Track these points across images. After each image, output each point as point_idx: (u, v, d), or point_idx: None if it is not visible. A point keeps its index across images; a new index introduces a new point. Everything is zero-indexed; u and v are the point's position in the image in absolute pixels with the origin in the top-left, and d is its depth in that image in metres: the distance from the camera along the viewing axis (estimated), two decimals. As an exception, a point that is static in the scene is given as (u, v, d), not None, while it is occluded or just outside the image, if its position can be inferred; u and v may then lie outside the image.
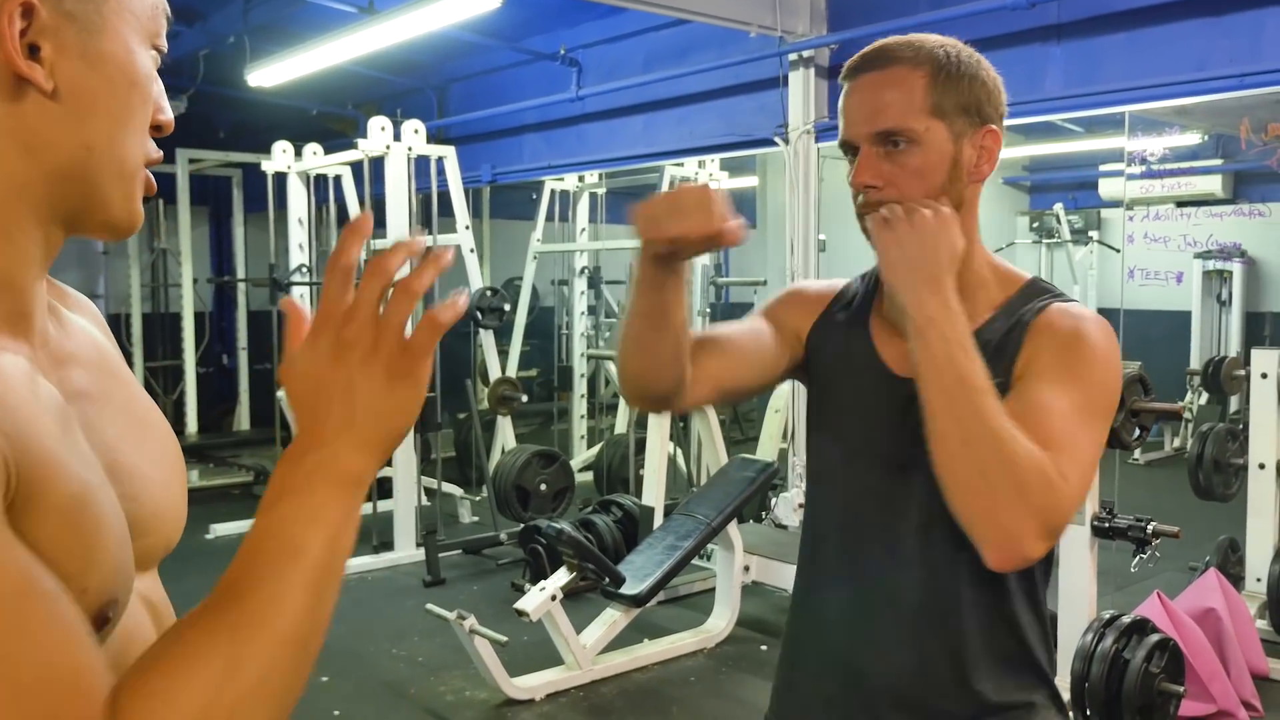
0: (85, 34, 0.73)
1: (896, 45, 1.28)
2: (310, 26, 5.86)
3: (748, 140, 5.62)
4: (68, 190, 0.75)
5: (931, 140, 1.25)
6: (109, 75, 0.74)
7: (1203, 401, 7.73)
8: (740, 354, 1.40)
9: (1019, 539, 1.13)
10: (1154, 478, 7.70)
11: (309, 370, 0.74)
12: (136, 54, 0.76)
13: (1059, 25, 4.19)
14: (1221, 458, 4.60)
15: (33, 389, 0.71)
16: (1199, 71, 3.88)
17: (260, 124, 8.11)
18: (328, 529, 0.72)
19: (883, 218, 1.24)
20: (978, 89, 1.28)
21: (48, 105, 0.72)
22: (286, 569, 0.70)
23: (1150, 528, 3.31)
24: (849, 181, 1.31)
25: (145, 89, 0.77)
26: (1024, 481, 1.12)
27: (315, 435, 0.73)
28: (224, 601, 0.69)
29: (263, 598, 0.69)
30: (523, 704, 4.03)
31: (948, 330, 1.18)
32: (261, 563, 0.70)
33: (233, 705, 0.66)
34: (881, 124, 1.26)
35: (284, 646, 0.69)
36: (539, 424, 9.53)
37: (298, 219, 6.85)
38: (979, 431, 1.13)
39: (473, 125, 7.53)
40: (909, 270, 1.21)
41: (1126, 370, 3.30)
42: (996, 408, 1.15)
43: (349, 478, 0.73)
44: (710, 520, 4.44)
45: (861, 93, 1.29)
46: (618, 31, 6.26)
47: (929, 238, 1.21)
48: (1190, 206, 8.35)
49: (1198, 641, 3.67)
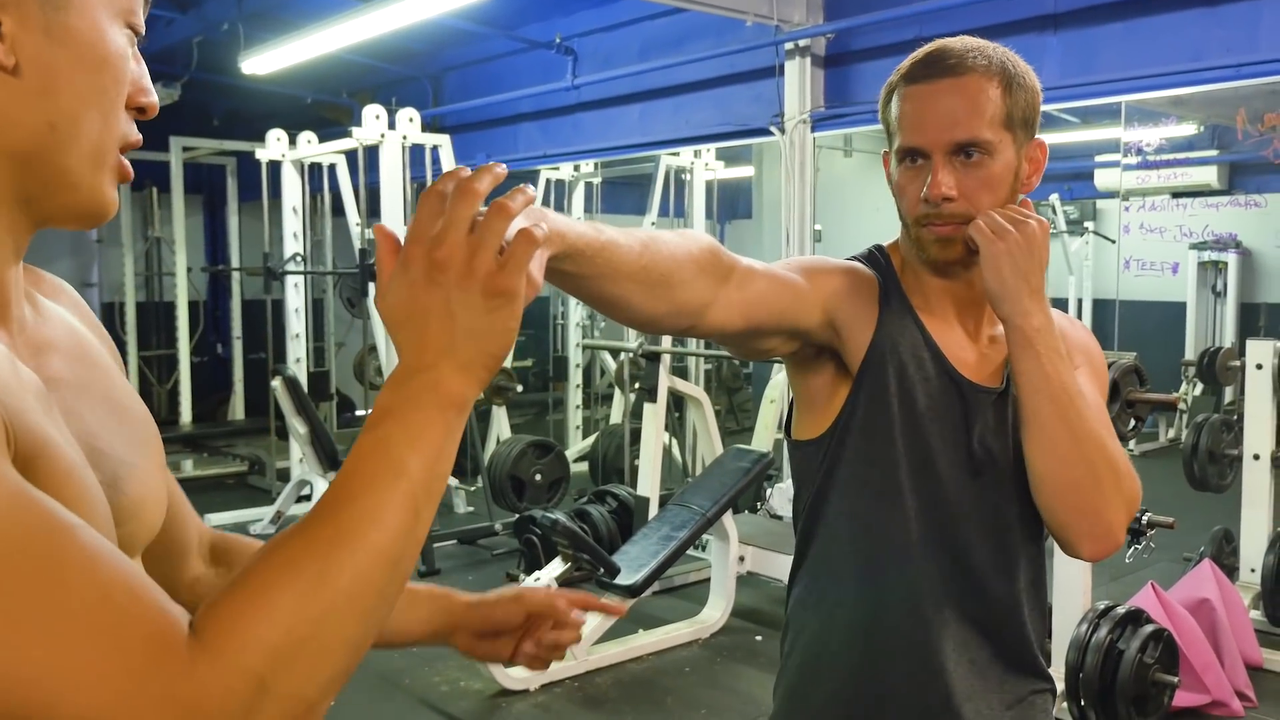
0: (50, 9, 0.71)
1: (966, 51, 1.26)
2: (304, 14, 5.83)
3: (744, 129, 5.61)
4: (31, 171, 0.73)
5: (1002, 152, 1.26)
6: (75, 52, 0.72)
7: (1198, 392, 7.73)
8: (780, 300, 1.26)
9: (1117, 529, 1.25)
10: (1149, 469, 7.66)
11: (404, 295, 0.74)
12: (106, 32, 0.74)
13: (1055, 15, 4.18)
14: (1216, 448, 4.61)
15: (14, 373, 0.70)
16: (1195, 61, 3.88)
17: (255, 112, 8.07)
18: (429, 449, 0.72)
19: (990, 228, 1.23)
20: (1034, 100, 1.28)
21: (8, 81, 0.70)
22: (386, 486, 0.70)
23: (1145, 518, 3.32)
24: (911, 191, 1.27)
25: (116, 68, 0.75)
26: (1122, 476, 1.25)
27: (418, 358, 0.74)
28: (322, 516, 0.69)
29: (359, 512, 0.69)
30: (517, 694, 4.03)
31: (1051, 340, 1.23)
32: (362, 479, 0.70)
33: (321, 615, 0.65)
34: (960, 134, 1.24)
35: (377, 561, 0.68)
36: (534, 414, 9.53)
37: (292, 207, 6.83)
38: (1086, 434, 1.22)
39: (468, 114, 7.51)
40: (1019, 280, 1.22)
41: (1122, 361, 3.30)
42: (1093, 411, 1.25)
43: (451, 399, 0.74)
44: (705, 511, 4.44)
45: (935, 99, 1.25)
46: (613, 20, 6.24)
47: (1037, 249, 1.23)
48: (1186, 197, 8.34)
49: (1192, 632, 3.68)
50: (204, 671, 0.61)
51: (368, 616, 0.69)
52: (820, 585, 1.40)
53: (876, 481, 1.33)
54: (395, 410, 0.72)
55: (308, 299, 6.97)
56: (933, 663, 1.31)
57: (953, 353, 1.34)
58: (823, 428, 1.36)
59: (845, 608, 1.37)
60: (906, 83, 1.28)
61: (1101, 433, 1.24)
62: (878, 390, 1.32)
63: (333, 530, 0.68)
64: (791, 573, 1.45)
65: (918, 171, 1.27)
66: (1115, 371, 3.25)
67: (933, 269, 1.33)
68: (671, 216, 7.43)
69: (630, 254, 1.03)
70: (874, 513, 1.34)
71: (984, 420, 1.31)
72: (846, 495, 1.35)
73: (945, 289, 1.34)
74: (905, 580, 1.32)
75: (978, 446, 1.31)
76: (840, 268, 1.35)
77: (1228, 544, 4.62)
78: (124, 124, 0.77)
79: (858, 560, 1.35)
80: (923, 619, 1.31)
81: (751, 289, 1.21)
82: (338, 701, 3.06)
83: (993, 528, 1.32)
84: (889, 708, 1.33)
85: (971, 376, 1.33)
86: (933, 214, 1.27)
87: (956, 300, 1.34)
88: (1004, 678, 1.35)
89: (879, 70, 4.87)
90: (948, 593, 1.32)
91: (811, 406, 1.38)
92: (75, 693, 0.58)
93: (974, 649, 1.33)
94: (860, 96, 4.95)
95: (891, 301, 1.34)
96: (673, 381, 5.05)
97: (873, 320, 1.33)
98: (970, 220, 1.26)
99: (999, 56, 1.27)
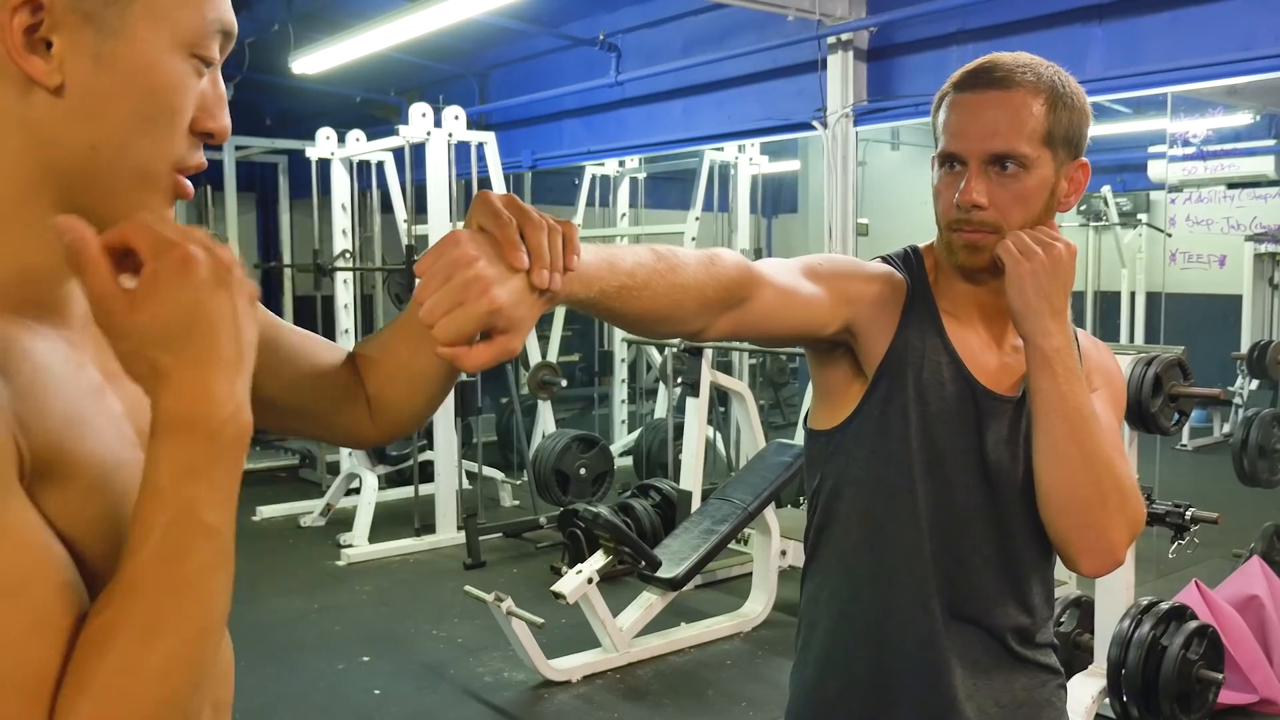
0: (101, 36, 0.73)
1: (1016, 66, 1.28)
2: (352, 14, 5.91)
3: (786, 124, 5.60)
4: (78, 187, 0.76)
5: (1039, 168, 1.27)
6: (123, 79, 0.75)
7: (1254, 387, 7.60)
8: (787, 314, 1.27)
9: (1118, 547, 1.29)
10: (1201, 464, 7.60)
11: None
12: (160, 61, 0.76)
13: (1100, 5, 4.13)
14: (1267, 444, 4.54)
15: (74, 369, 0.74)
16: (1245, 51, 3.81)
17: (305, 111, 8.19)
18: (232, 504, 0.74)
19: (1018, 249, 1.26)
20: (1081, 121, 1.30)
21: (54, 101, 0.73)
22: (203, 555, 0.71)
23: (1189, 514, 3.28)
24: (948, 195, 1.30)
25: (167, 97, 0.77)
26: (1127, 497, 1.28)
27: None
28: (141, 598, 0.69)
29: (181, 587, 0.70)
30: (559, 685, 4.07)
31: (1069, 361, 1.26)
32: (176, 547, 0.71)
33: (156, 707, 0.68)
34: (998, 145, 1.26)
35: (208, 629, 0.72)
36: (579, 409, 9.57)
37: (341, 205, 6.92)
38: (1096, 455, 1.25)
39: (513, 111, 7.55)
40: (1041, 301, 1.25)
41: (1165, 355, 3.27)
42: (1104, 432, 1.28)
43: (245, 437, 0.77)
44: (747, 505, 4.45)
45: (979, 109, 1.28)
46: (656, 16, 6.26)
47: (1063, 272, 1.26)
48: (1240, 188, 8.18)
49: (1238, 630, 3.63)
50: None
51: (200, 680, 0.71)
52: (832, 583, 1.42)
53: (889, 482, 1.34)
54: (202, 468, 0.70)
55: (357, 295, 7.06)
56: (939, 663, 1.33)
57: (973, 359, 1.35)
58: (836, 421, 1.38)
59: (855, 605, 1.38)
60: (955, 91, 1.31)
61: (1112, 455, 1.27)
62: (894, 393, 1.33)
63: (155, 615, 0.68)
64: (805, 566, 1.47)
65: (955, 177, 1.29)
66: (1158, 365, 3.22)
67: (962, 274, 1.34)
68: (716, 211, 7.43)
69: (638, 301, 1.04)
70: (886, 512, 1.35)
71: (997, 428, 1.33)
72: (860, 494, 1.37)
73: (973, 294, 1.36)
74: (915, 580, 1.33)
75: (990, 453, 1.33)
76: (866, 274, 1.36)
77: (1278, 540, 4.55)
78: (182, 148, 0.79)
79: (869, 559, 1.37)
80: (930, 619, 1.33)
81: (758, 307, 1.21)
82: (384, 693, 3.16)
83: (1001, 532, 1.34)
84: (897, 707, 1.35)
85: (990, 384, 1.35)
86: (963, 219, 1.29)
87: (983, 307, 1.36)
88: (1010, 678, 1.37)
89: (921, 64, 4.85)
90: (955, 594, 1.34)
91: (828, 397, 1.40)
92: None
93: (978, 650, 1.35)
94: (903, 90, 4.92)
95: (916, 305, 1.36)
96: (715, 376, 5.06)
97: (893, 325, 1.34)
98: (1000, 230, 1.28)
99: (1049, 74, 1.28)
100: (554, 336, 7.84)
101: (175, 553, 0.68)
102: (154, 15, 0.75)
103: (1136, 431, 3.29)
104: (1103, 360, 1.43)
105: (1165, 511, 3.30)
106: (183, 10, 0.76)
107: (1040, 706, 1.40)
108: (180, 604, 0.68)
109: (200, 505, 0.69)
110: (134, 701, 0.66)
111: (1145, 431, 3.29)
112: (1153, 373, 3.20)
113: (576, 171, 7.83)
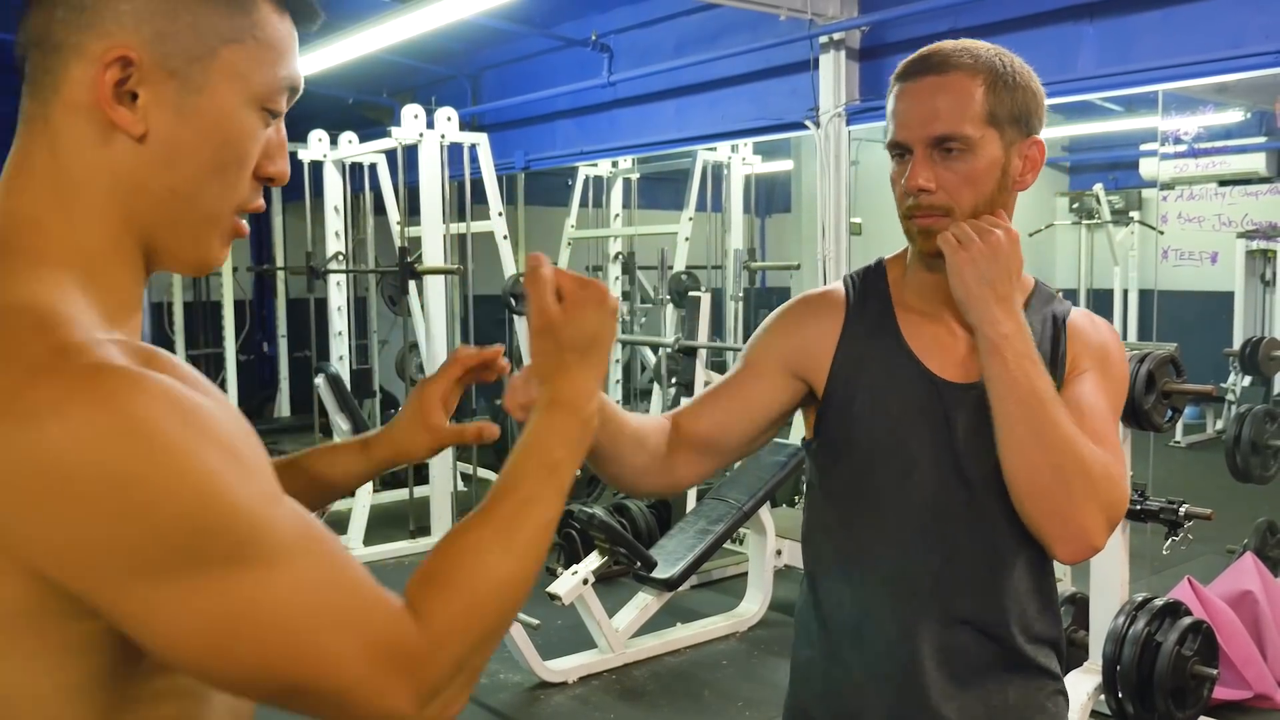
0: (184, 91, 0.81)
1: (954, 51, 1.30)
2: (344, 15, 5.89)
3: (779, 124, 5.59)
4: (154, 227, 0.84)
5: (985, 148, 1.28)
6: (201, 130, 0.82)
7: (1246, 383, 7.61)
8: (730, 409, 1.42)
9: (1092, 533, 1.25)
10: (1194, 460, 7.62)
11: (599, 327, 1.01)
12: (236, 115, 0.84)
13: (1091, 4, 4.13)
14: (1259, 439, 4.55)
15: None
16: (1234, 49, 3.82)
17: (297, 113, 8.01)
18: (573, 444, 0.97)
19: (955, 237, 1.27)
20: (1029, 100, 1.31)
21: (137, 149, 0.81)
22: (542, 478, 0.91)
23: (1182, 510, 3.29)
24: (900, 183, 1.32)
25: (239, 148, 0.85)
26: (1095, 480, 1.23)
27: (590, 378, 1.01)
28: (497, 502, 0.89)
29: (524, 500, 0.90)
30: (555, 686, 4.08)
31: (1020, 345, 1.26)
32: (523, 472, 0.92)
33: (500, 597, 0.85)
34: (938, 129, 1.27)
35: (539, 540, 0.89)
36: (575, 409, 9.55)
37: (334, 207, 6.91)
38: (1054, 438, 1.23)
39: (506, 112, 7.54)
40: (983, 288, 1.26)
41: (1158, 352, 3.27)
42: (1065, 415, 1.25)
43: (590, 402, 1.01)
44: (742, 504, 4.46)
45: (918, 96, 1.30)
46: (649, 16, 6.25)
47: (1003, 257, 1.26)
48: (1232, 185, 8.20)
49: (1231, 626, 3.64)
50: (432, 664, 0.79)
51: (526, 587, 0.87)
52: (819, 587, 1.44)
53: (859, 488, 1.37)
54: (571, 439, 0.94)
55: (350, 297, 7.05)
56: (911, 665, 1.33)
57: (938, 352, 1.36)
58: (809, 432, 1.44)
59: (839, 610, 1.40)
60: (897, 81, 1.32)
61: (1075, 439, 1.23)
62: (848, 404, 1.37)
63: (511, 537, 0.86)
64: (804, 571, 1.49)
65: (904, 166, 1.31)
66: (1151, 363, 3.22)
67: (925, 264, 1.36)
68: (709, 211, 7.43)
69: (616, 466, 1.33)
70: (858, 519, 1.38)
71: (966, 419, 1.32)
72: (835, 505, 1.41)
73: (937, 284, 1.36)
74: (888, 583, 1.35)
75: (962, 445, 1.32)
76: (780, 321, 1.45)
77: (1272, 536, 4.56)
78: (246, 192, 0.87)
79: (847, 568, 1.39)
80: (903, 621, 1.34)
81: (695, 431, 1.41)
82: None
83: (984, 525, 1.32)
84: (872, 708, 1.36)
85: (956, 374, 1.34)
86: (914, 206, 1.30)
87: (946, 295, 1.35)
88: (1005, 679, 1.35)
89: (914, 63, 4.86)
90: (943, 593, 1.33)
91: (803, 408, 1.46)
92: (355, 667, 0.76)
93: (970, 651, 1.34)
94: (895, 89, 4.91)
95: (863, 315, 1.40)
96: (709, 376, 5.06)
97: (832, 346, 1.39)
98: (951, 212, 1.29)
99: (988, 56, 1.29)
100: (548, 337, 7.83)
101: (537, 497, 0.89)
102: (233, 73, 0.83)
103: (1130, 428, 3.30)
104: (1099, 340, 1.39)
105: (1159, 508, 3.31)
106: (259, 69, 0.84)
107: (1033, 712, 1.37)
108: (532, 538, 0.87)
109: (563, 466, 0.92)
110: (483, 601, 0.83)
111: (1139, 428, 3.30)
112: (1146, 370, 3.21)
113: (569, 172, 7.82)
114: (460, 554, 0.84)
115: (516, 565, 0.85)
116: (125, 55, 0.78)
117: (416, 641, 0.79)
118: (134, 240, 0.83)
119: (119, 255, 0.82)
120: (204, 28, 0.81)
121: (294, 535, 0.75)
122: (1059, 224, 9.48)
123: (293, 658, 0.74)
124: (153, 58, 0.79)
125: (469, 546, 0.85)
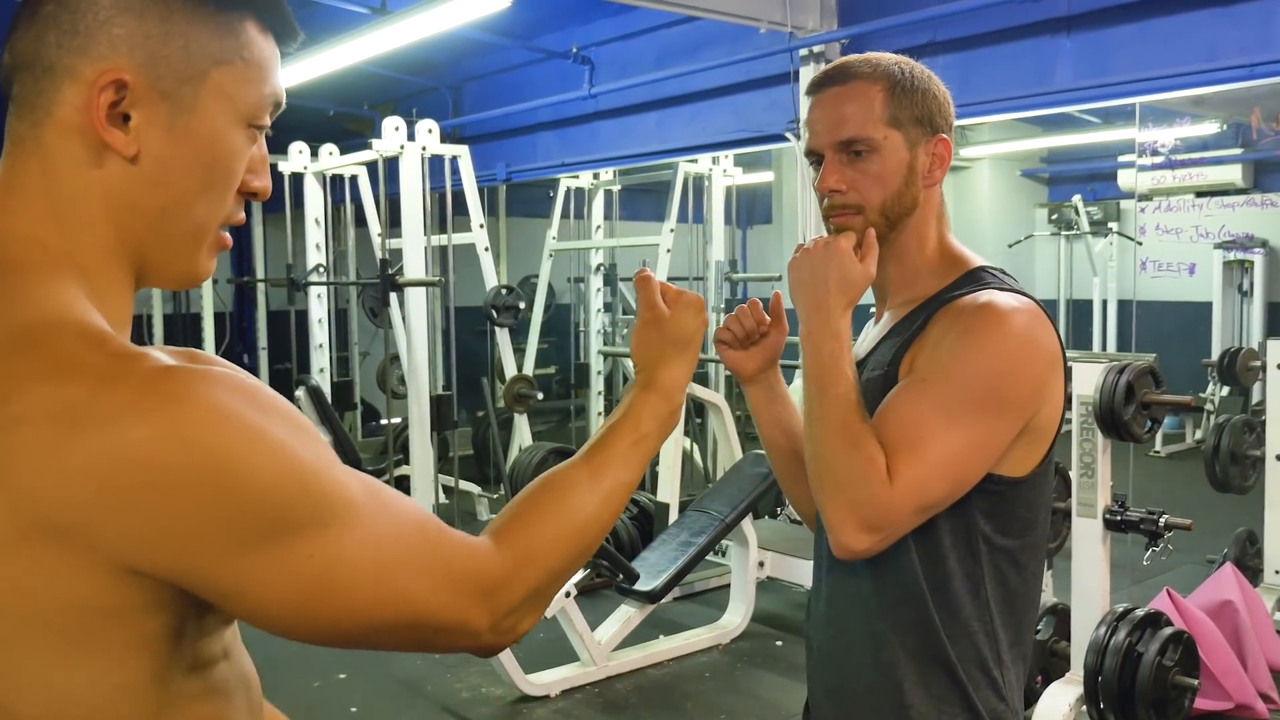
0: (175, 112, 0.83)
1: (856, 62, 1.39)
2: (324, 28, 5.88)
3: (760, 136, 5.61)
4: (145, 244, 0.86)
5: (889, 148, 1.36)
6: (192, 151, 0.85)
7: (1224, 394, 7.67)
8: None
9: (838, 530, 1.27)
10: (1174, 470, 7.66)
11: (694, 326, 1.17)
12: (225, 134, 0.86)
13: (1069, 17, 4.17)
14: (1238, 449, 4.58)
15: None
16: (1210, 62, 3.86)
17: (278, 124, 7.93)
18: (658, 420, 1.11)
19: (800, 247, 1.39)
20: (929, 101, 1.38)
21: (129, 168, 0.83)
22: (630, 443, 1.05)
23: (1163, 520, 3.30)
24: (814, 187, 1.40)
25: (227, 166, 0.87)
26: (840, 479, 1.26)
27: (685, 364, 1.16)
28: (587, 456, 1.03)
29: (609, 458, 1.03)
30: (538, 700, 4.06)
31: (820, 344, 1.33)
32: (615, 433, 1.05)
33: (576, 535, 0.96)
34: (844, 133, 1.36)
35: (616, 494, 1.01)
36: (556, 421, 9.55)
37: (315, 219, 6.90)
38: (818, 433, 1.30)
39: (487, 124, 7.55)
40: (800, 292, 1.37)
41: (1137, 363, 3.29)
42: (843, 413, 1.28)
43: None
44: (724, 516, 4.46)
45: (825, 106, 1.39)
46: (630, 29, 6.27)
47: (819, 267, 1.35)
48: (1209, 196, 8.28)
49: (1211, 636, 3.66)
50: (508, 587, 0.89)
51: (602, 533, 0.98)
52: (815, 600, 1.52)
53: None
54: (660, 422, 1.08)
55: (331, 309, 7.03)
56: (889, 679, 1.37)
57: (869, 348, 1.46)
58: None
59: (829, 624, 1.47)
60: (808, 94, 1.42)
61: (835, 436, 1.27)
62: None
63: (600, 462, 1.01)
64: None
65: (818, 173, 1.40)
66: (1130, 374, 3.24)
67: None
68: (691, 223, 7.44)
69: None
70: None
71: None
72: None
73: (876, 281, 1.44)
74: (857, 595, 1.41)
75: None
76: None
77: (1251, 546, 4.58)
78: (231, 206, 0.90)
79: (825, 574, 1.47)
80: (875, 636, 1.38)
81: None
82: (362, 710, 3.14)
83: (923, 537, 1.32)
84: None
85: (875, 367, 1.41)
86: (829, 206, 1.39)
87: (878, 292, 1.46)
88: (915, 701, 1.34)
89: (894, 75, 4.88)
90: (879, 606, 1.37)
91: None
92: (436, 598, 0.85)
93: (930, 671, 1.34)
94: (875, 101, 4.93)
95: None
96: (692, 388, 5.06)
97: None
98: (862, 210, 1.37)
99: (888, 64, 1.38)
100: (530, 349, 7.83)
101: (624, 458, 1.02)
102: (222, 93, 0.85)
103: (1110, 439, 3.31)
104: (959, 319, 1.31)
105: (1139, 518, 3.32)
106: (247, 88, 0.87)
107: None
108: (614, 487, 1.00)
109: (649, 439, 1.06)
110: (566, 532, 0.95)
111: (1119, 439, 3.31)
112: (1125, 381, 3.23)
113: (551, 184, 7.82)
114: (551, 488, 0.97)
115: (600, 506, 0.97)
116: (119, 79, 0.80)
117: (493, 568, 0.88)
118: (126, 257, 0.85)
119: (114, 272, 0.84)
120: (195, 50, 0.83)
121: (362, 492, 0.82)
122: (1038, 235, 9.54)
123: (378, 603, 0.81)
124: (146, 80, 0.81)
125: (559, 482, 0.97)
